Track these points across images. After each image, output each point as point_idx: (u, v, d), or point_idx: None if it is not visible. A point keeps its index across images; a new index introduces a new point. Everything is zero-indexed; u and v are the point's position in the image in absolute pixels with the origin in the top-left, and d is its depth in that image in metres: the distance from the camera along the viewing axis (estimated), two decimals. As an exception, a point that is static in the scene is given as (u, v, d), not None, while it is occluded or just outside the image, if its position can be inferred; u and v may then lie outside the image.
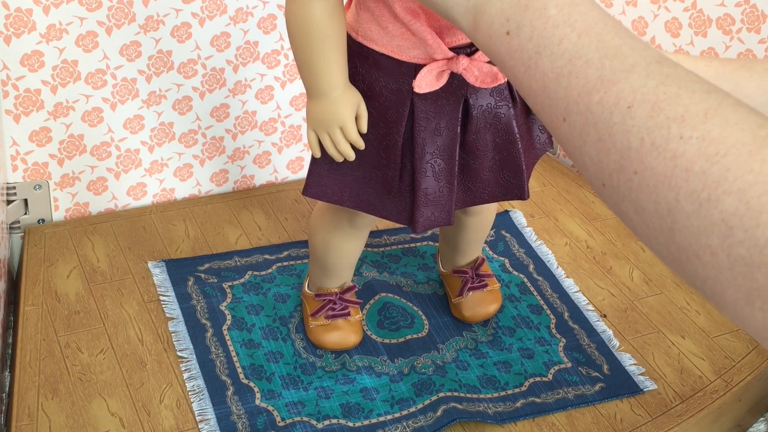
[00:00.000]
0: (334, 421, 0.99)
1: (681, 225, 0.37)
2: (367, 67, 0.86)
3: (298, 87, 1.38)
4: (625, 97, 0.41)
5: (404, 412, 1.01)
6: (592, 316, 1.19)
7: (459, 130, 0.88)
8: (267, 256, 1.24)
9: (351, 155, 0.87)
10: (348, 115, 0.85)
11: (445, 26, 0.82)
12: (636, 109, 0.40)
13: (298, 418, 0.99)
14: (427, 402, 1.02)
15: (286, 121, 1.40)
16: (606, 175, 0.42)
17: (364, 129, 0.86)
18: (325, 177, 0.91)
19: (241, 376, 1.04)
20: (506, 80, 0.88)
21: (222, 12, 1.26)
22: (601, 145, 0.41)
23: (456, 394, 1.03)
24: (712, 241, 0.36)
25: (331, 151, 0.87)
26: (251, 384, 1.03)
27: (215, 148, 1.37)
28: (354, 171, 0.90)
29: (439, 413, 1.00)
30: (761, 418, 1.16)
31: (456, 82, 0.85)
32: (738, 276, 0.35)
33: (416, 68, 0.84)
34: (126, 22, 1.21)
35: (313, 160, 0.91)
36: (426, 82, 0.84)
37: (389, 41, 0.84)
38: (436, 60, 0.83)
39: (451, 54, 0.83)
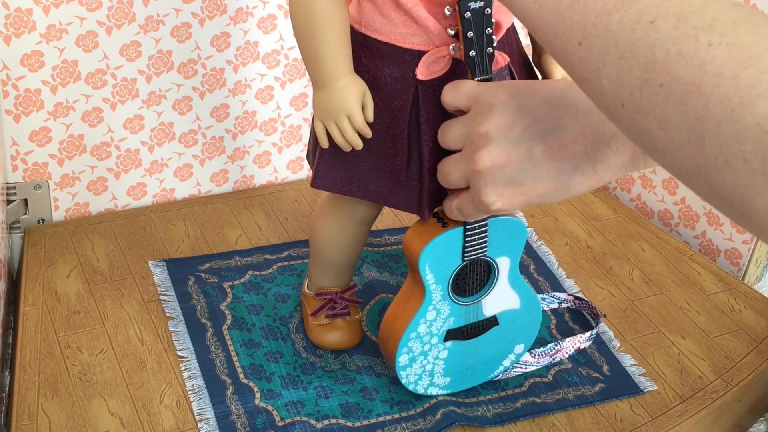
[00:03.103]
0: (334, 420, 0.99)
1: (711, 133, 0.36)
2: (370, 57, 0.87)
3: (298, 87, 1.38)
4: (648, 13, 0.40)
5: (403, 414, 1.01)
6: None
7: None
8: (267, 256, 1.24)
9: (358, 143, 0.87)
10: (354, 103, 0.85)
11: (445, 12, 0.83)
12: (660, 23, 0.40)
13: (298, 418, 0.99)
14: (426, 405, 1.02)
15: (286, 121, 1.40)
16: (627, 93, 0.41)
17: (371, 118, 0.87)
18: (333, 168, 0.92)
19: (241, 375, 1.04)
20: (507, 64, 0.88)
21: (222, 12, 1.26)
22: (623, 63, 0.41)
23: (455, 398, 1.03)
24: (745, 146, 0.35)
25: (339, 140, 0.87)
26: (251, 384, 1.03)
27: (215, 148, 1.37)
28: (362, 161, 0.91)
29: (438, 416, 1.00)
30: (761, 418, 1.16)
31: (459, 68, 0.86)
32: None
33: (419, 55, 0.85)
34: (126, 22, 1.21)
35: (321, 152, 0.92)
36: (429, 69, 0.85)
37: (392, 30, 0.85)
38: (438, 46, 0.84)
39: (452, 40, 0.84)
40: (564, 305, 1.19)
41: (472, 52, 0.81)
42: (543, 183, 0.73)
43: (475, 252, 0.93)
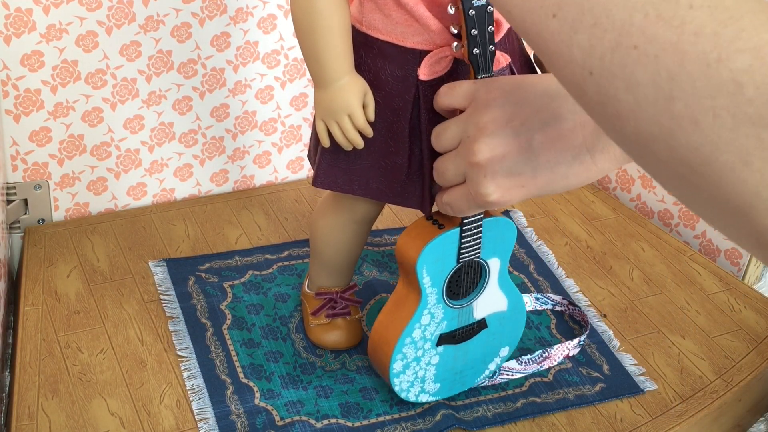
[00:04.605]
0: (333, 420, 0.99)
1: (683, 91, 0.37)
2: (372, 56, 0.87)
3: (298, 87, 1.38)
4: None
5: (403, 414, 1.01)
6: (593, 317, 1.19)
7: None
8: (268, 256, 1.24)
9: (360, 143, 0.87)
10: (355, 102, 0.85)
11: (446, 11, 0.83)
12: None
13: (297, 418, 0.99)
14: (426, 406, 1.02)
15: (286, 121, 1.40)
16: (596, 59, 0.41)
17: (372, 117, 0.87)
18: (335, 167, 0.92)
19: (241, 375, 1.04)
20: (509, 64, 0.89)
21: (222, 12, 1.26)
22: (596, 29, 0.41)
23: (455, 403, 1.03)
24: (717, 101, 0.35)
25: (340, 139, 0.87)
26: (251, 383, 1.03)
27: (215, 148, 1.37)
28: (363, 160, 0.91)
29: (438, 417, 1.00)
30: (761, 418, 1.16)
31: (460, 68, 0.86)
32: (740, 137, 0.34)
33: (421, 55, 0.85)
34: (126, 22, 1.21)
35: (322, 151, 0.92)
36: (431, 69, 0.85)
37: (393, 29, 0.85)
38: (439, 46, 0.84)
39: (453, 38, 0.84)
40: (557, 308, 1.19)
41: (476, 50, 0.81)
42: (542, 174, 0.73)
43: (470, 253, 0.93)
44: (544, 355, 1.09)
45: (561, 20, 0.43)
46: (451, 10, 0.80)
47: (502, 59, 0.87)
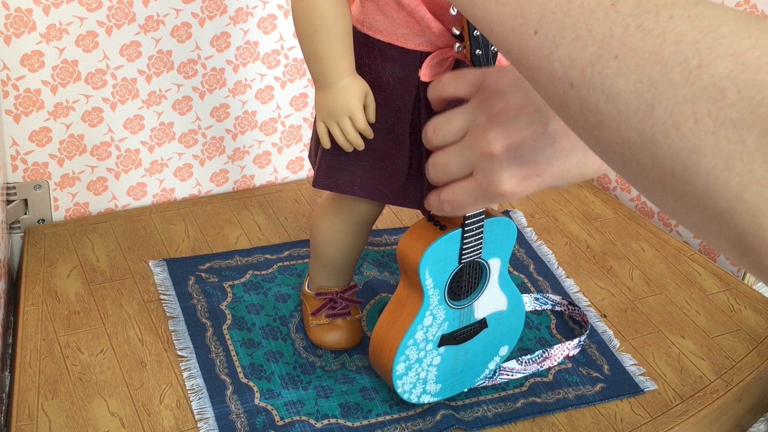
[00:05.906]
0: (333, 420, 0.99)
1: (664, 97, 0.37)
2: (373, 57, 0.87)
3: (298, 87, 1.38)
4: None
5: (403, 414, 1.01)
6: (593, 317, 1.19)
7: None
8: (268, 256, 1.24)
9: (360, 144, 0.87)
10: (356, 104, 0.85)
11: (447, 13, 0.83)
12: (621, 4, 0.41)
13: (297, 418, 0.99)
14: (426, 406, 1.02)
15: (286, 121, 1.40)
16: (577, 72, 0.41)
17: (373, 118, 0.87)
18: (335, 168, 0.92)
19: (241, 375, 1.04)
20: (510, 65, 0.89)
21: (222, 12, 1.26)
22: (577, 43, 0.42)
23: (455, 403, 1.03)
24: (698, 107, 0.36)
25: (341, 141, 0.87)
26: (251, 383, 1.03)
27: (215, 148, 1.37)
28: (363, 161, 0.91)
29: (438, 417, 1.00)
30: (761, 418, 1.16)
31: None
32: (722, 140, 0.35)
33: (421, 56, 0.85)
34: (126, 22, 1.21)
35: (323, 151, 0.92)
36: (433, 70, 0.85)
37: (394, 30, 0.85)
38: (440, 48, 0.84)
39: (454, 40, 0.84)
40: (557, 308, 1.19)
41: (478, 51, 0.81)
42: (558, 162, 0.71)
43: (471, 254, 0.93)
44: (544, 355, 1.09)
45: (542, 36, 0.44)
46: (453, 11, 0.80)
47: (504, 62, 0.87)
